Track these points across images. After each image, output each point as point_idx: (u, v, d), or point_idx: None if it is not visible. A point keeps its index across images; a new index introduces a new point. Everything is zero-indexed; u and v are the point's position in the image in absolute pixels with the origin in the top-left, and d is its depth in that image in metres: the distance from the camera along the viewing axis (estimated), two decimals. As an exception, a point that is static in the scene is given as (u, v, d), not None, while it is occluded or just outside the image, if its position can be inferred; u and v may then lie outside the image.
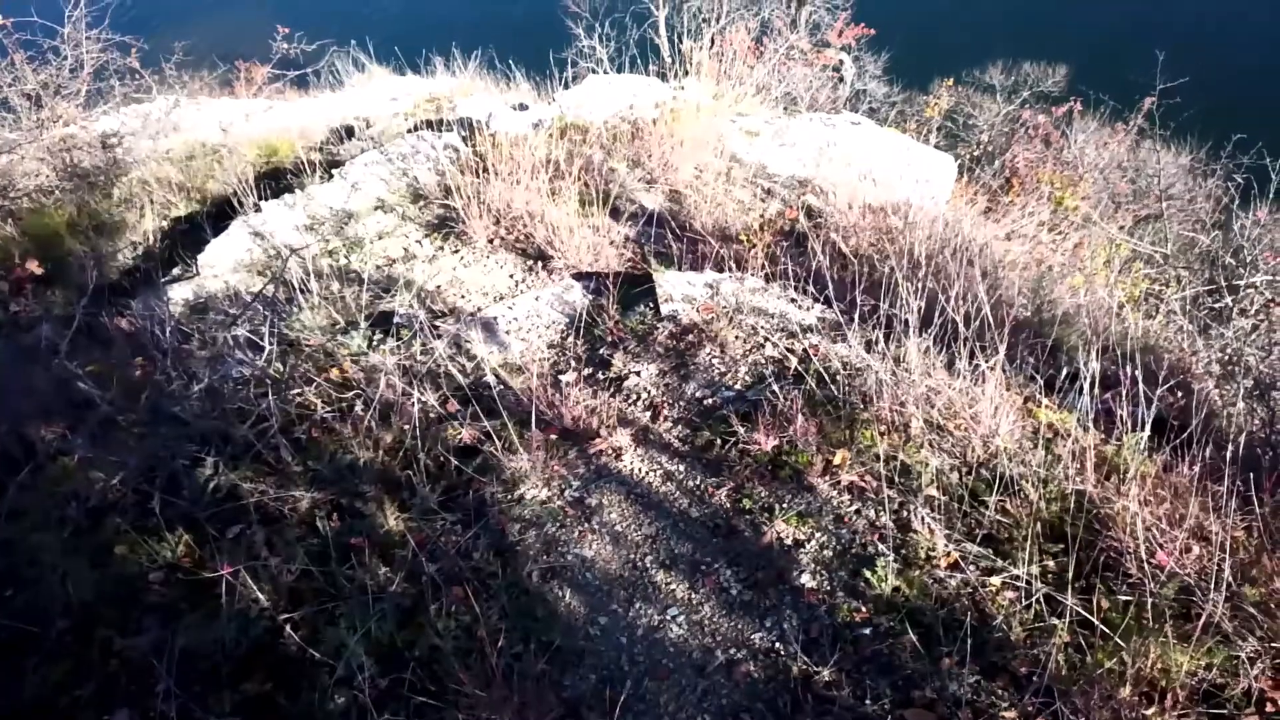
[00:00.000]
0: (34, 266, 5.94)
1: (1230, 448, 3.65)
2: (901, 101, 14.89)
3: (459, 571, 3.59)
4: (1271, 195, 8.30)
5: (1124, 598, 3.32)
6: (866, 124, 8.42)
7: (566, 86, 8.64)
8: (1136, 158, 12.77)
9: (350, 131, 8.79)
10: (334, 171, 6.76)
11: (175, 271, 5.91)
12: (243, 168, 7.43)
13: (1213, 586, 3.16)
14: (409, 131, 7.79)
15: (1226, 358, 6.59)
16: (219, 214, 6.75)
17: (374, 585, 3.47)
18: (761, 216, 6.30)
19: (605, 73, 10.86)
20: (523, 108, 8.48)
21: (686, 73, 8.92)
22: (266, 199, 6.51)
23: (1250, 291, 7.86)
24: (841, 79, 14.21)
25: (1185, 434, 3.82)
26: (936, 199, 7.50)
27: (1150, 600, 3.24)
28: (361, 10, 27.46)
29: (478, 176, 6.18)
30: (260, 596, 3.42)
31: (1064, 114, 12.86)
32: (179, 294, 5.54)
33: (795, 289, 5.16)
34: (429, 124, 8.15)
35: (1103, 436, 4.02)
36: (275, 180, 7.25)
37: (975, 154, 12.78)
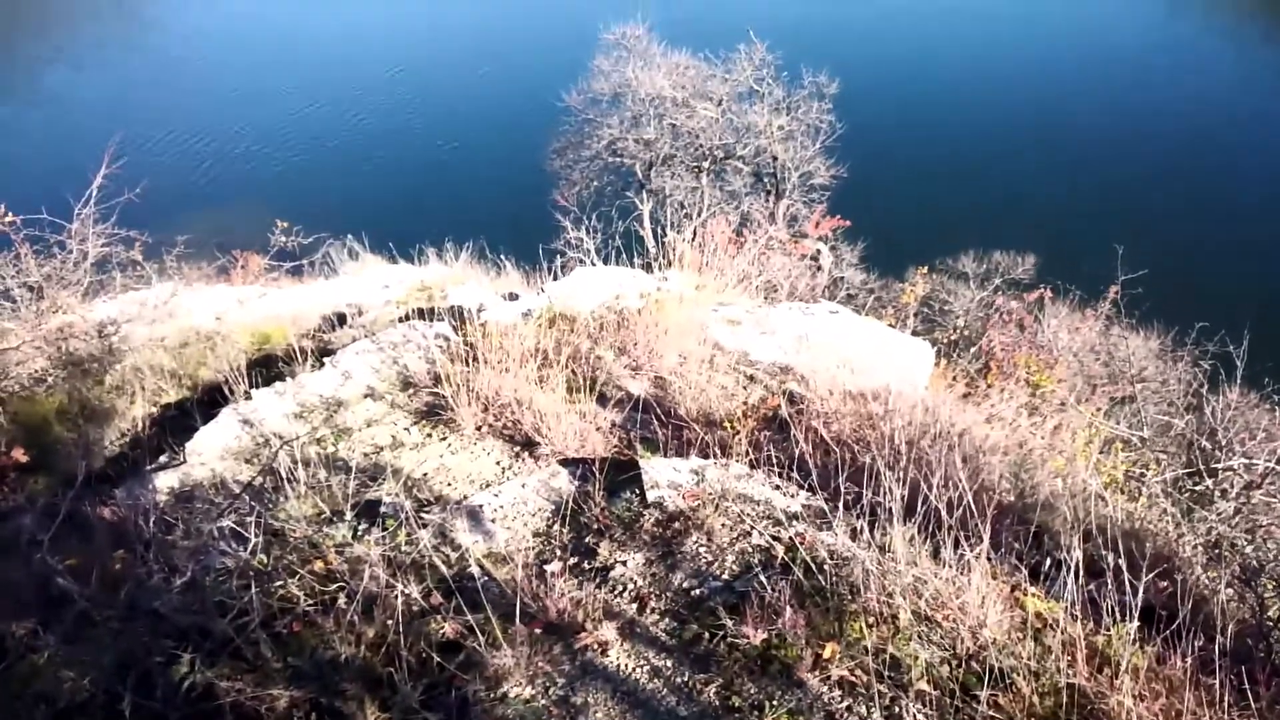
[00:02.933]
0: (19, 454, 5.94)
1: (1221, 639, 3.64)
2: (879, 288, 15.48)
3: (438, 777, 3.45)
4: (1239, 378, 8.57)
5: (1127, 801, 3.22)
6: (844, 312, 8.74)
7: (555, 277, 8.97)
8: (1108, 341, 13.20)
9: (342, 319, 9.02)
10: (325, 360, 6.90)
11: (162, 459, 5.91)
12: (235, 355, 7.57)
13: (1216, 789, 3.07)
14: (400, 320, 8.01)
15: (1211, 541, 6.61)
16: (210, 401, 6.82)
17: (349, 793, 3.32)
18: (744, 403, 6.43)
19: (592, 263, 11.30)
20: (513, 297, 8.78)
21: (670, 263, 9.30)
22: (258, 386, 6.61)
23: (1229, 474, 7.96)
24: (819, 267, 14.82)
25: (1175, 624, 3.80)
26: (915, 384, 7.69)
27: (1154, 804, 3.13)
28: (359, 205, 28.73)
29: (467, 365, 6.32)
30: (228, 807, 3.26)
31: (1035, 300, 13.37)
32: (165, 482, 5.53)
33: (779, 475, 5.21)
34: (420, 312, 8.38)
35: (1092, 626, 3.99)
36: (267, 368, 7.38)
37: (952, 338, 13.18)
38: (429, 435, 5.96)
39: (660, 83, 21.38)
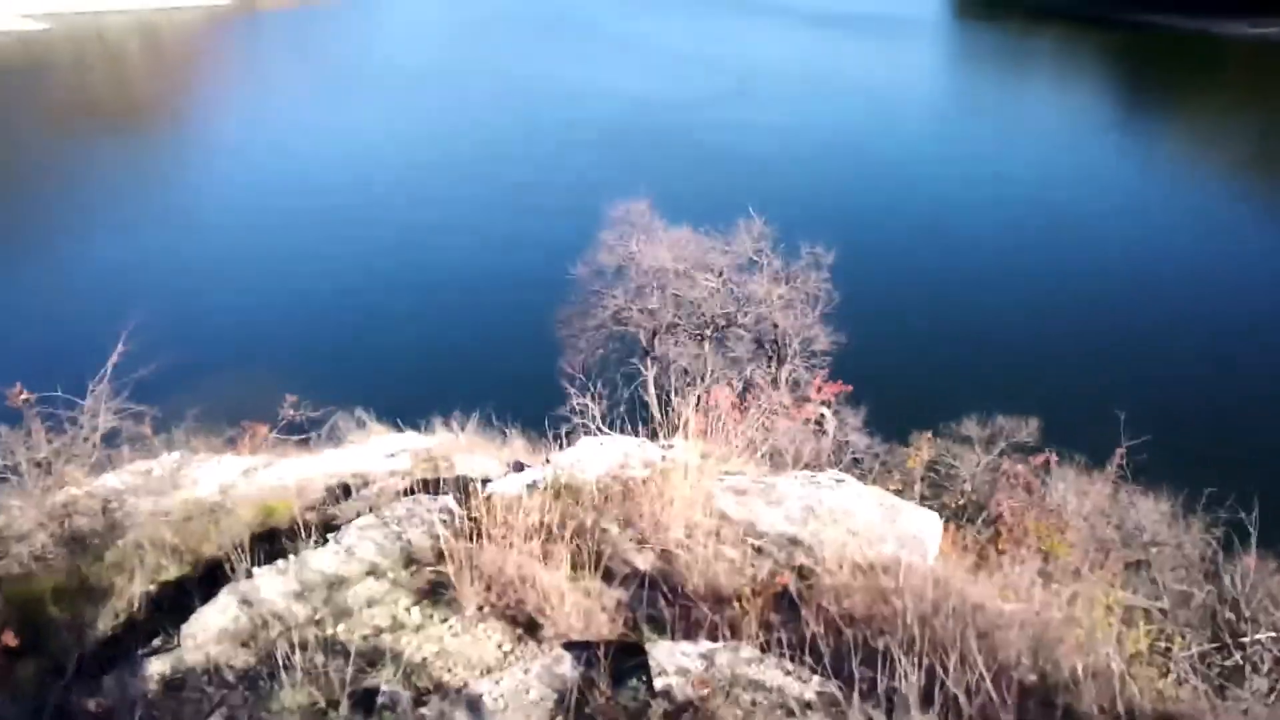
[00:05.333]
0: (9, 638, 5.78)
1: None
2: (883, 452, 15.44)
3: None
4: (1254, 544, 8.42)
5: None
6: (850, 480, 8.67)
7: (561, 446, 8.98)
8: (1118, 504, 13.02)
9: (347, 490, 8.99)
10: (329, 536, 6.82)
11: (156, 642, 5.76)
12: (238, 530, 7.50)
13: None
14: (405, 493, 7.97)
15: (1249, 726, 6.30)
16: (210, 578, 6.72)
17: None
18: (753, 579, 6.30)
19: (598, 430, 11.35)
20: (519, 467, 8.77)
21: (675, 430, 9.32)
22: (259, 563, 6.50)
23: (1257, 647, 7.70)
24: (824, 432, 14.85)
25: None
26: (925, 553, 7.55)
27: None
28: (368, 373, 29.18)
29: (471, 541, 6.24)
30: None
31: (1042, 464, 13.29)
32: (156, 668, 5.36)
33: (791, 659, 5.05)
34: (425, 484, 8.35)
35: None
36: (270, 542, 7.29)
37: (960, 503, 13.03)
38: (430, 616, 5.82)
39: (663, 255, 22.14)
